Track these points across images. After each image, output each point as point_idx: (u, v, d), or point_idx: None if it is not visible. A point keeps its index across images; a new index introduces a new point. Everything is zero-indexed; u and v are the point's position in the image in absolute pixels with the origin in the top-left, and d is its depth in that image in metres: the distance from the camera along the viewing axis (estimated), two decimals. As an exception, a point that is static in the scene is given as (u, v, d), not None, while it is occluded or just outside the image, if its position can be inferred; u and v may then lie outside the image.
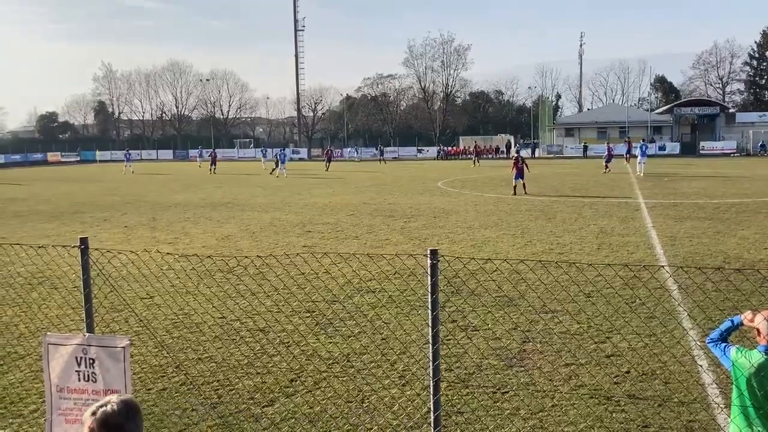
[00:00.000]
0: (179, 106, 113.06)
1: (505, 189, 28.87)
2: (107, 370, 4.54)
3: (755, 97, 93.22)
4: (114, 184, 40.47)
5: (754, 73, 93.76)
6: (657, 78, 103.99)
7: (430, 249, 4.63)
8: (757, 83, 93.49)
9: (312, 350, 7.95)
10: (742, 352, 3.92)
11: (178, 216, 21.97)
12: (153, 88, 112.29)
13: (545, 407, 6.29)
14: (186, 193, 31.49)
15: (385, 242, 15.84)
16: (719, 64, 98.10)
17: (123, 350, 4.52)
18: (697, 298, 9.62)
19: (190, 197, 29.29)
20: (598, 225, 17.88)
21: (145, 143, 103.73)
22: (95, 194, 32.07)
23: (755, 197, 24.60)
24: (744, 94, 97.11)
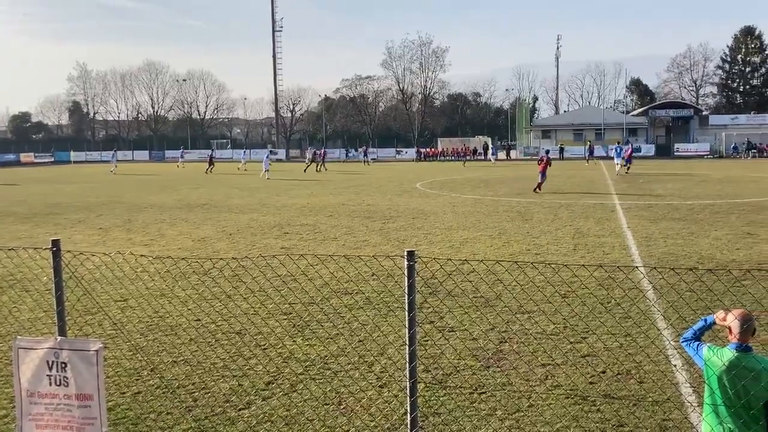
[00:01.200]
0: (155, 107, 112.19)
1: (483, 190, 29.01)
2: (79, 374, 4.47)
3: (728, 100, 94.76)
4: (90, 185, 39.97)
5: (726, 76, 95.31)
6: (632, 80, 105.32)
7: (407, 250, 4.62)
8: (730, 86, 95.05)
9: (289, 353, 7.91)
10: (714, 351, 3.97)
11: (153, 217, 21.75)
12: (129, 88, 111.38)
13: (522, 407, 6.31)
14: (162, 195, 31.20)
15: (363, 243, 15.83)
16: (693, 68, 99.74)
17: (96, 354, 4.46)
18: (672, 298, 9.74)
19: (166, 198, 29.02)
20: (574, 226, 18.03)
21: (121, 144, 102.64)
22: (70, 195, 31.64)
23: (728, 198, 24.99)
24: (717, 97, 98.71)
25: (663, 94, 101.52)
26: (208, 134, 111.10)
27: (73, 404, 4.49)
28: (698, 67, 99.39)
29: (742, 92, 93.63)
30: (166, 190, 33.90)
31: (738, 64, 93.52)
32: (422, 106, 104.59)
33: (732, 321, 3.90)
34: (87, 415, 4.48)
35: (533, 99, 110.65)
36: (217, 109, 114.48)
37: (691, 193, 27.67)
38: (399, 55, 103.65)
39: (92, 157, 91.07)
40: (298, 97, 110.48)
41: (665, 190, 29.38)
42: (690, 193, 27.33)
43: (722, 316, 4.01)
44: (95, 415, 4.47)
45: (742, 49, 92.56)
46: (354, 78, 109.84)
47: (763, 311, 8.94)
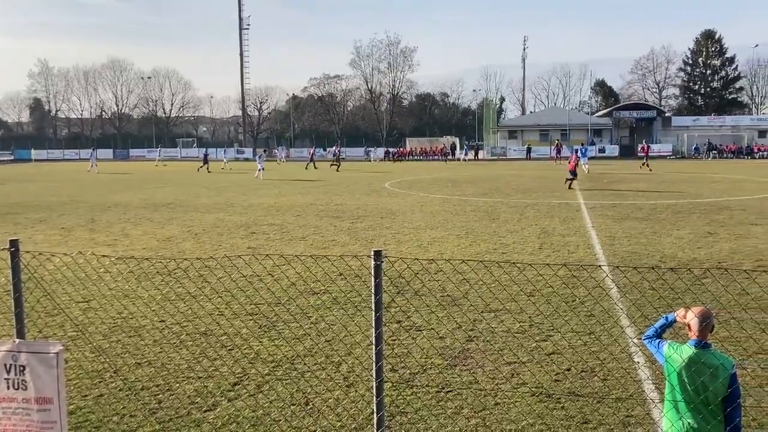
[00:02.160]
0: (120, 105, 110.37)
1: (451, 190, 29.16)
2: (39, 377, 4.37)
3: (689, 101, 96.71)
4: (52, 183, 39.14)
5: (688, 78, 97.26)
6: (597, 82, 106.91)
7: (374, 250, 4.62)
8: (691, 88, 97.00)
9: (255, 353, 7.85)
10: (674, 348, 4.05)
11: (117, 217, 21.40)
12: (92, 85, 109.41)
13: (488, 406, 6.36)
14: (127, 194, 30.70)
15: (331, 243, 15.78)
16: (656, 70, 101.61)
17: (56, 356, 4.36)
18: (635, 296, 9.91)
19: (131, 198, 28.57)
20: (540, 225, 18.23)
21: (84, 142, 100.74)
22: (31, 194, 30.95)
23: (690, 198, 25.51)
24: (679, 99, 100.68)
25: (627, 95, 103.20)
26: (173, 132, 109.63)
27: (32, 408, 4.38)
28: (661, 69, 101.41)
29: (703, 94, 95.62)
30: (132, 189, 33.38)
31: (699, 66, 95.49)
32: (390, 105, 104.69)
33: (691, 319, 3.98)
34: (46, 419, 4.39)
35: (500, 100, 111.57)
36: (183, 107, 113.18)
37: (654, 193, 28.18)
38: (367, 54, 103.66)
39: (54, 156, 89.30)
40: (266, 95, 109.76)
41: (629, 189, 29.87)
42: (652, 194, 27.83)
43: (683, 313, 4.09)
44: (55, 418, 4.38)
45: (703, 53, 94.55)
46: (322, 77, 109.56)
47: (722, 309, 9.14)
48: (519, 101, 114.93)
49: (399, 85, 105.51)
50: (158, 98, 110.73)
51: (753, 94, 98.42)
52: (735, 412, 3.89)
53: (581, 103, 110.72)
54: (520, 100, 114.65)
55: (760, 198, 25.33)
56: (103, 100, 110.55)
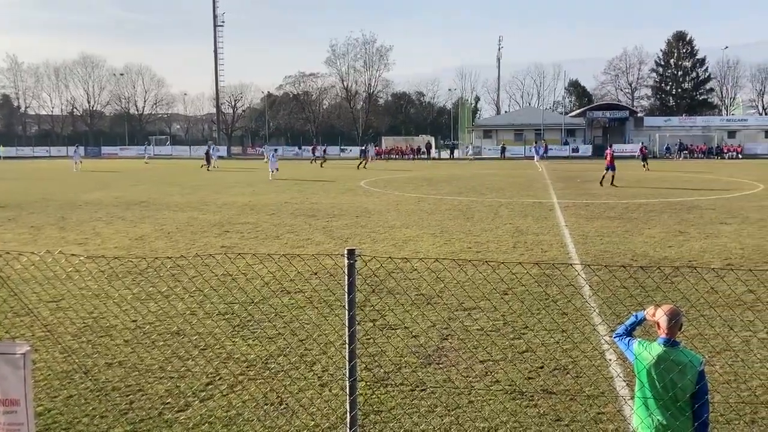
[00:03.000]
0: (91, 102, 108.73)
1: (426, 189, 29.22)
2: (4, 378, 4.29)
3: (661, 102, 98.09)
4: (22, 181, 38.44)
5: (660, 79, 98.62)
6: (571, 82, 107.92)
7: (347, 249, 4.61)
8: (663, 89, 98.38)
9: (227, 353, 7.79)
10: (644, 345, 4.10)
11: (89, 215, 21.09)
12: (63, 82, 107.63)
13: (461, 404, 6.38)
14: (99, 192, 30.28)
15: (306, 242, 15.72)
16: (628, 70, 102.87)
17: (23, 357, 4.28)
18: (606, 294, 10.02)
19: (103, 196, 28.18)
20: (514, 224, 18.35)
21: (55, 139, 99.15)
22: (0, 192, 30.39)
23: (661, 197, 25.88)
24: (651, 99, 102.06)
25: (600, 95, 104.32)
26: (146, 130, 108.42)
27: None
28: (634, 70, 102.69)
29: (674, 95, 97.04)
30: (104, 187, 32.92)
31: (671, 68, 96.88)
32: (366, 104, 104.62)
33: (660, 317, 4.03)
34: (13, 421, 4.30)
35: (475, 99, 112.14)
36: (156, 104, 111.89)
37: (626, 192, 28.53)
38: (343, 53, 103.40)
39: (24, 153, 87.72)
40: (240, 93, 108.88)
41: (601, 189, 30.21)
42: (625, 193, 28.18)
43: (652, 311, 4.14)
44: (22, 420, 4.29)
45: (675, 54, 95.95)
46: (297, 75, 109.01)
47: (691, 307, 9.29)
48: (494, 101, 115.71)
49: (375, 83, 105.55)
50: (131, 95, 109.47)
51: (723, 95, 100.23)
52: (703, 409, 3.95)
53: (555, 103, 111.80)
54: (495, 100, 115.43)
55: (729, 198, 25.79)
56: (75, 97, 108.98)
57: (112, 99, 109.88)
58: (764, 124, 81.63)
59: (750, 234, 16.28)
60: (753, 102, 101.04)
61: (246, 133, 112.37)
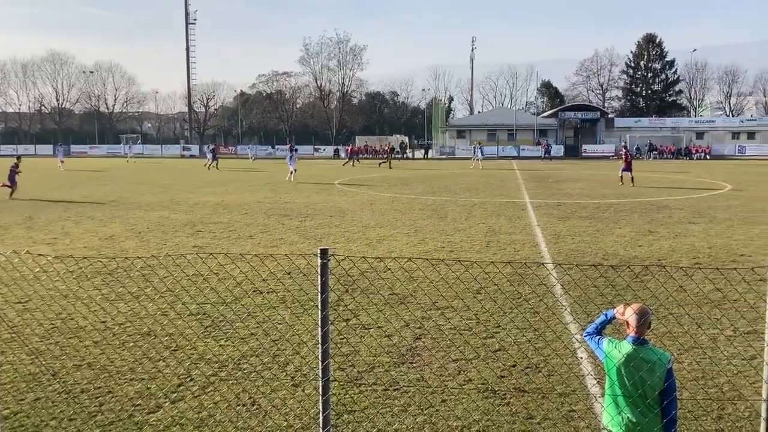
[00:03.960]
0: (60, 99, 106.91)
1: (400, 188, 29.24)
2: (-31, 382, 4.20)
3: (631, 103, 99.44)
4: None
5: (630, 81, 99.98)
6: (543, 83, 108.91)
7: (320, 248, 4.59)
8: (633, 90, 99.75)
9: (199, 354, 7.71)
10: (614, 344, 4.14)
11: (58, 215, 20.73)
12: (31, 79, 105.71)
13: (434, 403, 6.40)
14: (68, 191, 29.78)
15: (280, 242, 15.64)
16: (600, 72, 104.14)
17: (-13, 360, 4.19)
18: (578, 293, 10.12)
19: (73, 195, 27.73)
20: (487, 224, 18.46)
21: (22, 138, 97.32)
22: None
23: (631, 197, 26.23)
24: (622, 101, 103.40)
25: (572, 96, 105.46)
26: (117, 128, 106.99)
27: (-38, 414, 4.20)
28: (605, 71, 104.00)
29: (644, 96, 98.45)
30: (74, 187, 32.39)
31: (641, 69, 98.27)
32: (340, 103, 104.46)
33: (629, 315, 4.08)
34: (-23, 426, 4.21)
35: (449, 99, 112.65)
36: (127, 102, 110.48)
37: (598, 192, 28.87)
38: (316, 52, 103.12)
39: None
40: (213, 91, 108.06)
41: (573, 189, 30.53)
42: (596, 193, 28.51)
43: (621, 310, 4.19)
44: (-14, 425, 4.21)
45: (645, 56, 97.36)
46: (271, 74, 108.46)
47: (660, 305, 9.43)
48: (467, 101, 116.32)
49: (349, 83, 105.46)
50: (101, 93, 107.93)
51: (691, 96, 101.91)
52: (671, 406, 4.01)
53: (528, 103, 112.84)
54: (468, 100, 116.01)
55: (698, 198, 26.24)
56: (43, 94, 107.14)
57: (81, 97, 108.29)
58: (731, 125, 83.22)
59: (718, 233, 16.58)
60: (720, 104, 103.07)
61: (218, 132, 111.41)
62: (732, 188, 30.80)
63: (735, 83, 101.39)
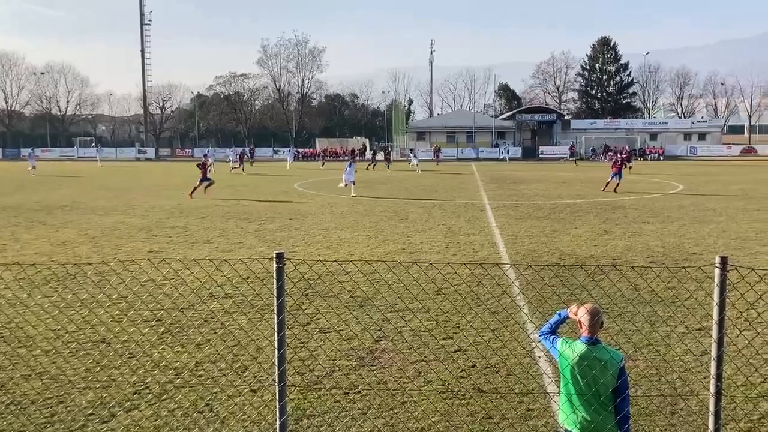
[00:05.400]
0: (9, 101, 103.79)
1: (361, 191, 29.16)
2: None
3: (587, 105, 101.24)
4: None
5: (585, 83, 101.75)
6: (501, 86, 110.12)
7: (275, 252, 4.54)
8: (589, 93, 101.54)
9: (157, 360, 7.56)
10: (568, 343, 4.20)
11: (7, 220, 20.13)
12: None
13: (394, 405, 6.39)
14: (18, 195, 28.96)
15: (238, 245, 15.46)
16: (556, 74, 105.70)
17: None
18: (534, 293, 10.24)
19: (23, 200, 26.97)
20: (447, 225, 18.57)
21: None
22: None
23: (587, 198, 26.69)
24: (577, 103, 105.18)
25: (529, 99, 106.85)
26: (70, 131, 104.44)
27: None
28: (561, 74, 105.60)
29: (599, 99, 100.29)
30: (23, 191, 31.51)
31: (596, 72, 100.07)
32: (299, 105, 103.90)
33: (582, 315, 4.14)
34: None
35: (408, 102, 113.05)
36: (80, 105, 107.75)
37: (554, 193, 29.30)
38: (275, 53, 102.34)
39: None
40: (169, 93, 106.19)
41: (530, 190, 30.92)
42: (553, 194, 28.93)
43: (575, 310, 4.25)
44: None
45: (600, 59, 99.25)
46: (228, 75, 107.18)
47: (614, 305, 9.59)
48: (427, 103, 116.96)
49: (308, 85, 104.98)
50: (53, 95, 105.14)
51: (645, 98, 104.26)
52: (624, 403, 4.08)
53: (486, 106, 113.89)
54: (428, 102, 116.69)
55: (651, 197, 26.84)
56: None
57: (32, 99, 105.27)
58: (683, 127, 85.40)
59: (671, 232, 16.97)
60: (673, 105, 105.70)
61: (175, 134, 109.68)
62: (685, 188, 31.60)
63: (686, 86, 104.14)
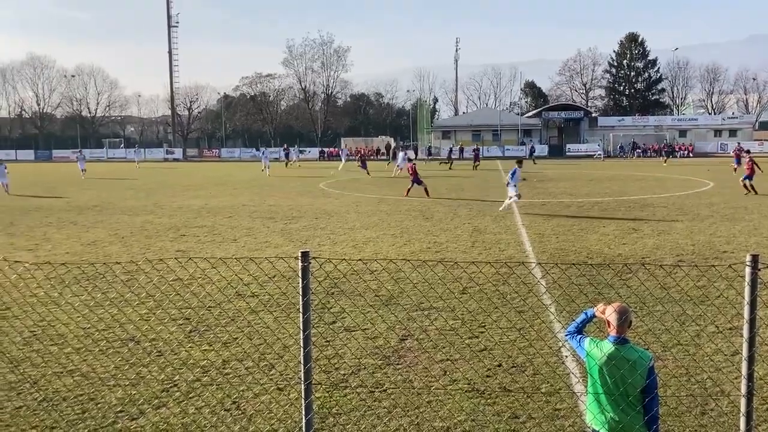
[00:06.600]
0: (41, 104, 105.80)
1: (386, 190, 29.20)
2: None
3: (614, 102, 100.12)
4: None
5: (613, 80, 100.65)
6: (527, 83, 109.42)
7: (301, 251, 4.57)
8: (616, 89, 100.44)
9: (185, 358, 7.65)
10: (595, 343, 4.15)
11: (39, 221, 20.52)
12: (11, 83, 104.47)
13: (420, 404, 6.38)
14: (49, 197, 29.50)
15: (264, 245, 15.57)
16: (583, 71, 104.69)
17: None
18: (561, 292, 10.15)
19: (54, 201, 27.47)
20: (473, 224, 18.48)
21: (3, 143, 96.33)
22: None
23: (615, 196, 26.38)
24: (605, 100, 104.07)
25: (555, 96, 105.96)
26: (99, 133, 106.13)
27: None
28: (587, 71, 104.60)
29: (627, 95, 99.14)
30: (54, 191, 32.08)
31: (623, 68, 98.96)
32: (325, 105, 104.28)
33: (610, 314, 4.09)
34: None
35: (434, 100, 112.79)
36: (110, 106, 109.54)
37: (582, 191, 29.01)
38: (300, 53, 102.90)
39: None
40: (196, 94, 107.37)
41: (557, 188, 30.65)
42: (580, 192, 28.65)
43: (602, 309, 4.20)
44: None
45: (627, 55, 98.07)
46: (254, 76, 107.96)
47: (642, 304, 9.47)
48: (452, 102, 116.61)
49: (333, 84, 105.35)
50: (83, 97, 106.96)
51: (674, 95, 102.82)
52: (652, 403, 4.03)
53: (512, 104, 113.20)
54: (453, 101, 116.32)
55: (681, 195, 26.44)
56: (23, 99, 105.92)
57: (63, 101, 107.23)
58: (714, 123, 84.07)
59: (701, 230, 16.70)
60: (702, 102, 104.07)
61: (202, 135, 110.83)
62: (715, 186, 31.07)
63: (716, 81, 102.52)
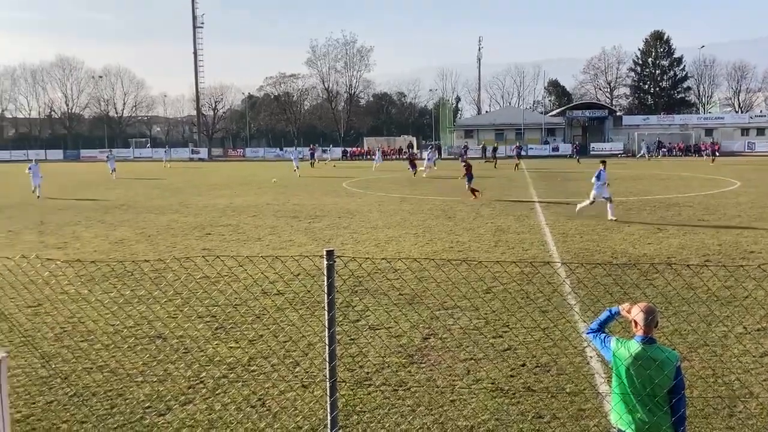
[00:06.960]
0: (70, 104, 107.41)
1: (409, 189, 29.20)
2: (-19, 386, 4.23)
3: (639, 101, 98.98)
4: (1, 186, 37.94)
5: (638, 78, 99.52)
6: (550, 82, 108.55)
7: (326, 250, 4.61)
8: (641, 88, 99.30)
9: (211, 355, 7.74)
10: (622, 343, 4.14)
11: (68, 219, 20.87)
12: (41, 84, 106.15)
13: (443, 403, 6.40)
14: (77, 195, 29.96)
15: (288, 243, 15.68)
16: (607, 70, 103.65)
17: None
18: (586, 292, 10.09)
19: (82, 200, 27.90)
20: (495, 223, 18.43)
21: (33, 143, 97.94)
22: (-25, 197, 29.95)
23: (640, 195, 26.12)
24: (629, 98, 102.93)
25: (579, 95, 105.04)
26: (126, 133, 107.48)
27: (-26, 418, 4.24)
28: (612, 69, 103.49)
29: (652, 94, 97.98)
30: (81, 190, 32.59)
31: (648, 67, 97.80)
32: (348, 105, 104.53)
33: (637, 314, 4.07)
34: (-11, 429, 4.24)
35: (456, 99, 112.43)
36: (136, 106, 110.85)
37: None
38: (323, 53, 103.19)
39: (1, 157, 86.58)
40: (221, 94, 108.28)
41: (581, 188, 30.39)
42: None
43: (627, 308, 4.19)
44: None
45: (652, 53, 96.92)
46: (278, 76, 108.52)
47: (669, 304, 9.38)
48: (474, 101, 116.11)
49: (356, 84, 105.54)
50: (110, 98, 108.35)
51: (700, 93, 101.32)
52: (680, 403, 4.00)
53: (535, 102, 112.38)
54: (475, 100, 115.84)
55: (707, 194, 26.10)
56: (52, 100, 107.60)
57: (90, 101, 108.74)
58: (741, 121, 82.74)
59: (728, 230, 16.49)
60: (729, 100, 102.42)
61: (227, 135, 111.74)
62: (742, 185, 30.61)
63: (744, 79, 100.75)
